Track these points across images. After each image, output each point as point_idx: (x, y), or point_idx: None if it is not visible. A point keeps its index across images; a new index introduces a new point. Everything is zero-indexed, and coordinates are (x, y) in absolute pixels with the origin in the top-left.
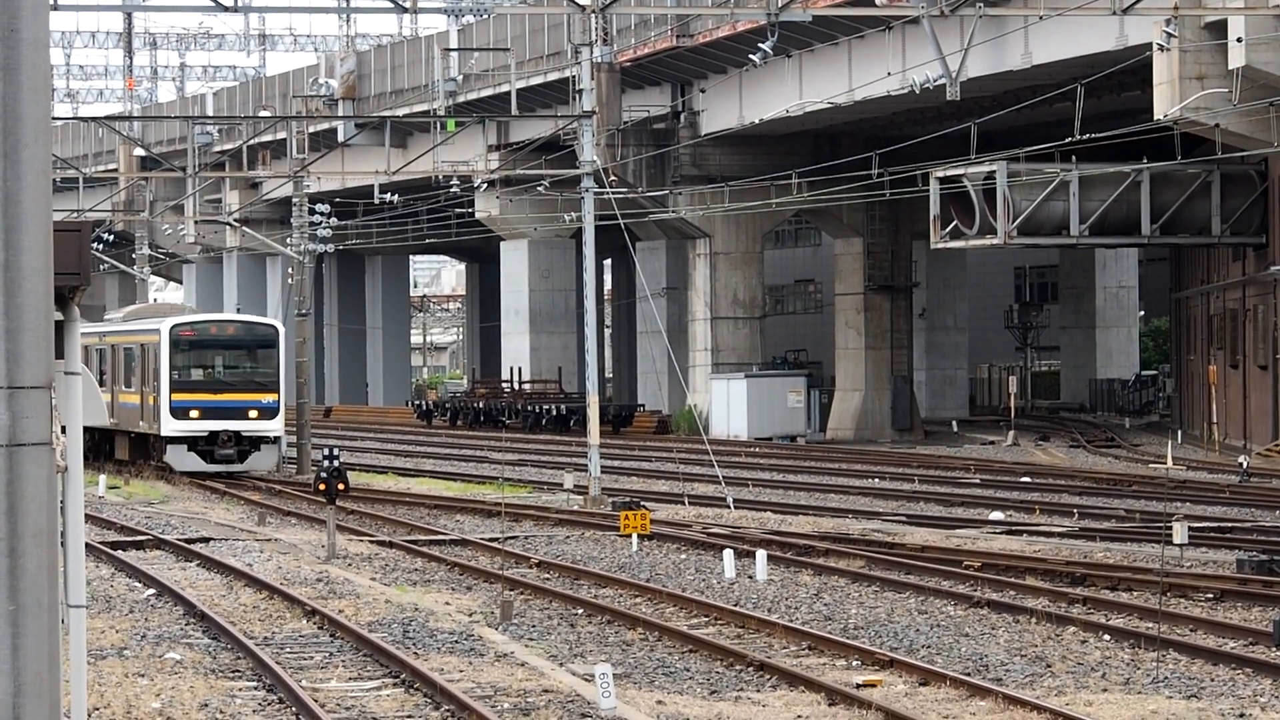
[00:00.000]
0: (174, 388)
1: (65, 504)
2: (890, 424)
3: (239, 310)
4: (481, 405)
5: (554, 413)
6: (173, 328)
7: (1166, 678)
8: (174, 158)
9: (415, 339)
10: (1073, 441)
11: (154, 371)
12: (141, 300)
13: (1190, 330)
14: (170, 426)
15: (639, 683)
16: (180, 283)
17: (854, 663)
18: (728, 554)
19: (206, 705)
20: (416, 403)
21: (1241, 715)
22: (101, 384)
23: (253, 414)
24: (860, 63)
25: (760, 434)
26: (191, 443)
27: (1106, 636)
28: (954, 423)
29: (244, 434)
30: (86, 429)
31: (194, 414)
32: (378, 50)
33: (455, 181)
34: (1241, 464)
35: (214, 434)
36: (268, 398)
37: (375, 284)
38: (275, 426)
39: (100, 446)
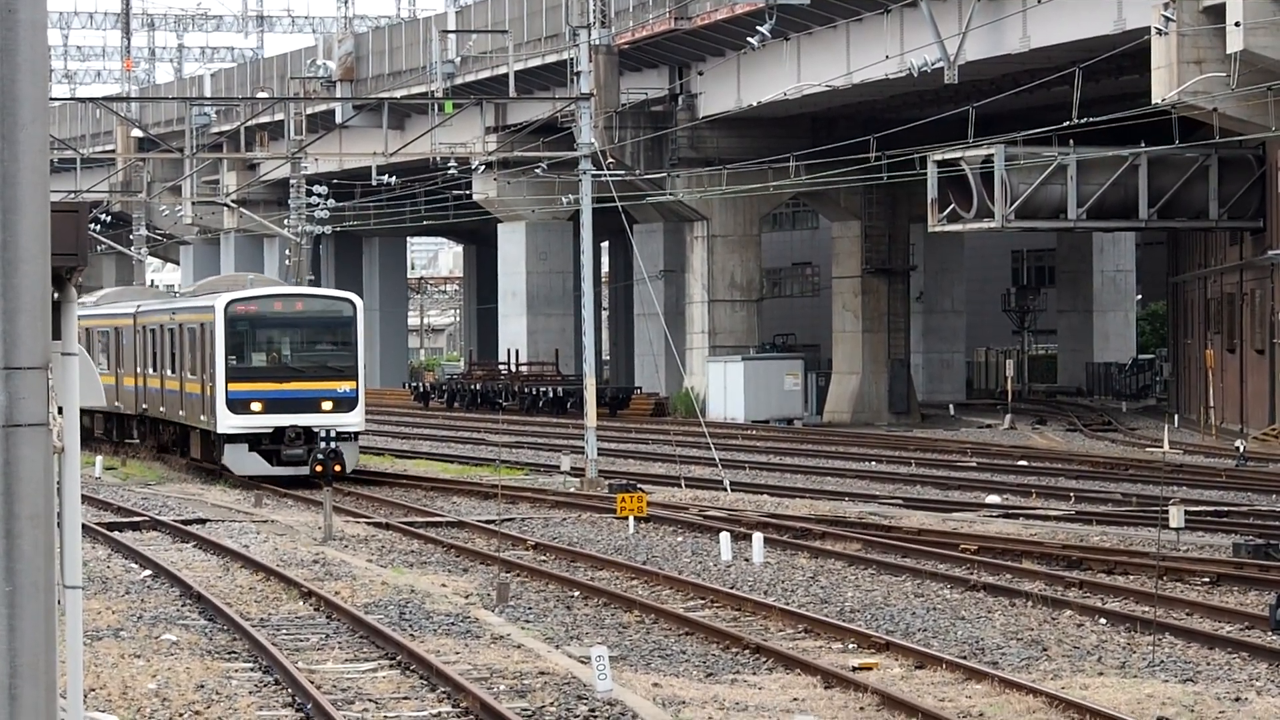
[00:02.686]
0: (231, 376)
1: (62, 485)
2: (887, 407)
3: (310, 281)
4: (478, 387)
5: (551, 395)
6: (228, 304)
7: (1162, 661)
8: (171, 139)
9: (412, 321)
10: (1069, 425)
11: (209, 357)
12: (139, 282)
13: (1187, 314)
14: (227, 422)
15: (635, 665)
16: (178, 264)
17: (850, 646)
18: (724, 536)
19: (203, 686)
20: (413, 384)
21: (1237, 699)
22: (172, 369)
23: (326, 405)
24: (858, 46)
25: (757, 417)
26: (253, 441)
27: (1102, 620)
28: (951, 406)
29: (316, 430)
30: (163, 423)
31: (255, 407)
32: (376, 32)
33: (453, 163)
34: (1238, 448)
35: (279, 430)
36: (344, 386)
37: (372, 266)
38: (354, 420)
39: (181, 442)
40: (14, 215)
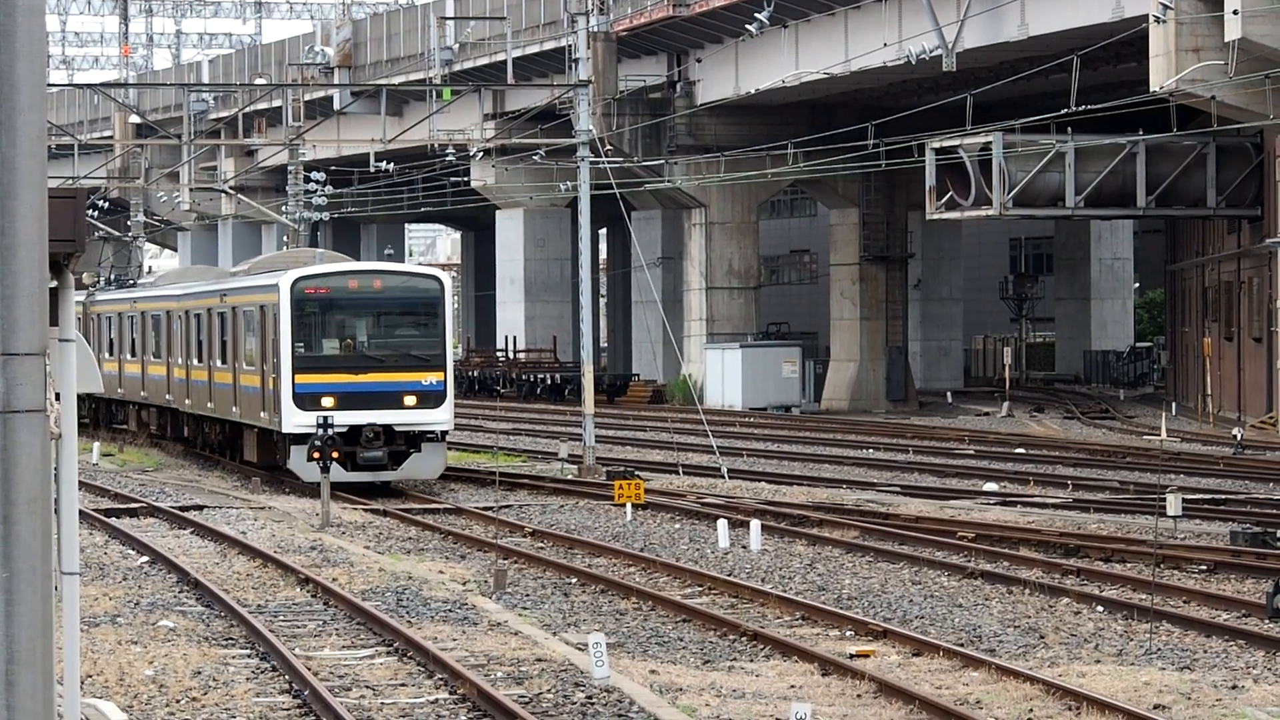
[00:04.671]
0: (298, 366)
1: (59, 471)
2: (885, 395)
3: (388, 255)
4: (476, 374)
5: (549, 382)
6: (295, 282)
7: (1160, 649)
8: (169, 125)
9: None
10: (1067, 413)
11: (272, 344)
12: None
13: (1185, 302)
14: (294, 420)
15: (632, 652)
16: (175, 250)
17: (847, 633)
18: (722, 524)
19: (200, 673)
20: None
21: (1234, 687)
22: (223, 359)
23: (409, 400)
24: (856, 33)
25: (755, 404)
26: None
27: (1100, 608)
28: (949, 394)
29: (398, 429)
30: (211, 421)
31: (327, 402)
32: (374, 18)
33: (451, 150)
34: (1235, 436)
35: (355, 429)
36: (430, 377)
37: (370, 252)
38: (441, 418)
39: (232, 442)
40: (11, 201)
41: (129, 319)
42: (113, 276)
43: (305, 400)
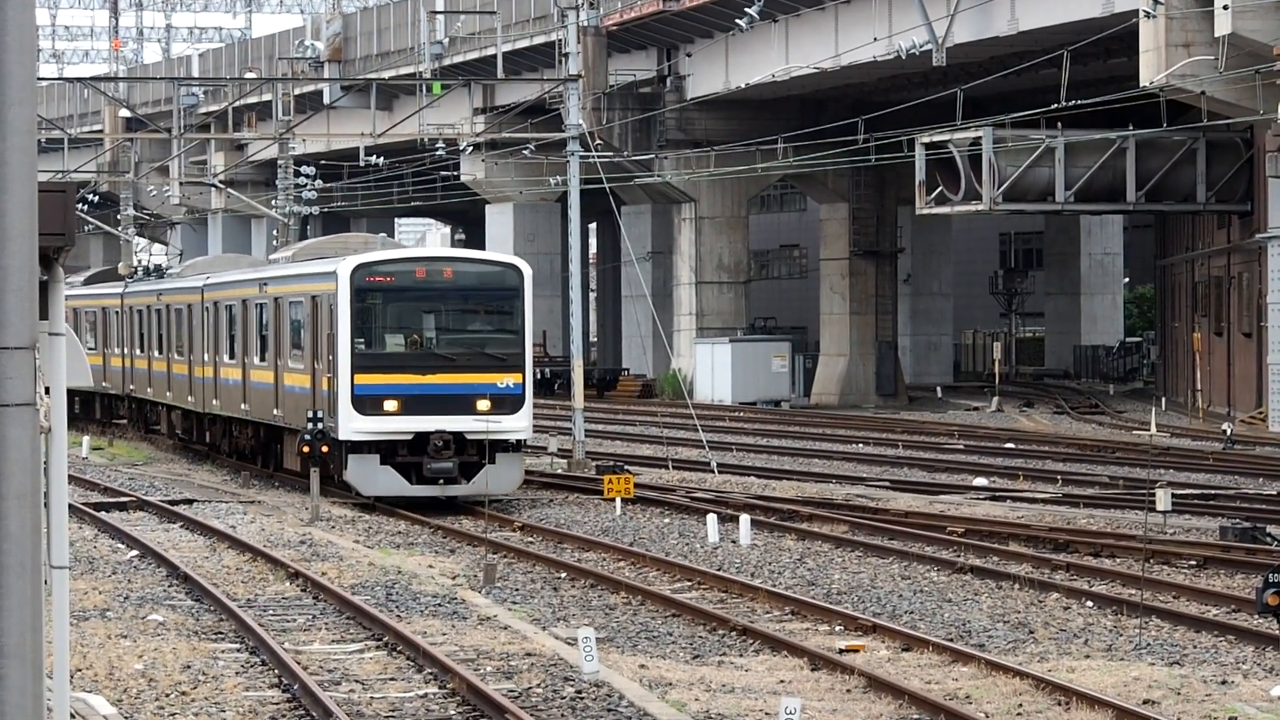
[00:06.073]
0: (358, 365)
1: (49, 465)
2: (875, 389)
3: (460, 240)
4: None
5: (538, 376)
6: (356, 270)
7: (1149, 644)
8: (159, 119)
9: None
10: (1057, 408)
11: (328, 340)
12: (125, 262)
13: (1175, 297)
14: (352, 426)
15: (622, 646)
16: (166, 244)
17: (837, 628)
18: (711, 518)
19: (189, 667)
20: None
21: (1224, 682)
22: (263, 356)
23: (482, 404)
24: (847, 28)
25: (744, 398)
26: (387, 450)
27: (1089, 603)
28: (938, 388)
29: (469, 437)
30: (243, 424)
31: (390, 406)
32: (364, 13)
33: (441, 144)
34: (1225, 431)
35: (421, 438)
36: (507, 379)
37: None
38: (519, 425)
39: (267, 448)
40: (1, 195)
41: (156, 312)
42: (150, 266)
43: (365, 403)
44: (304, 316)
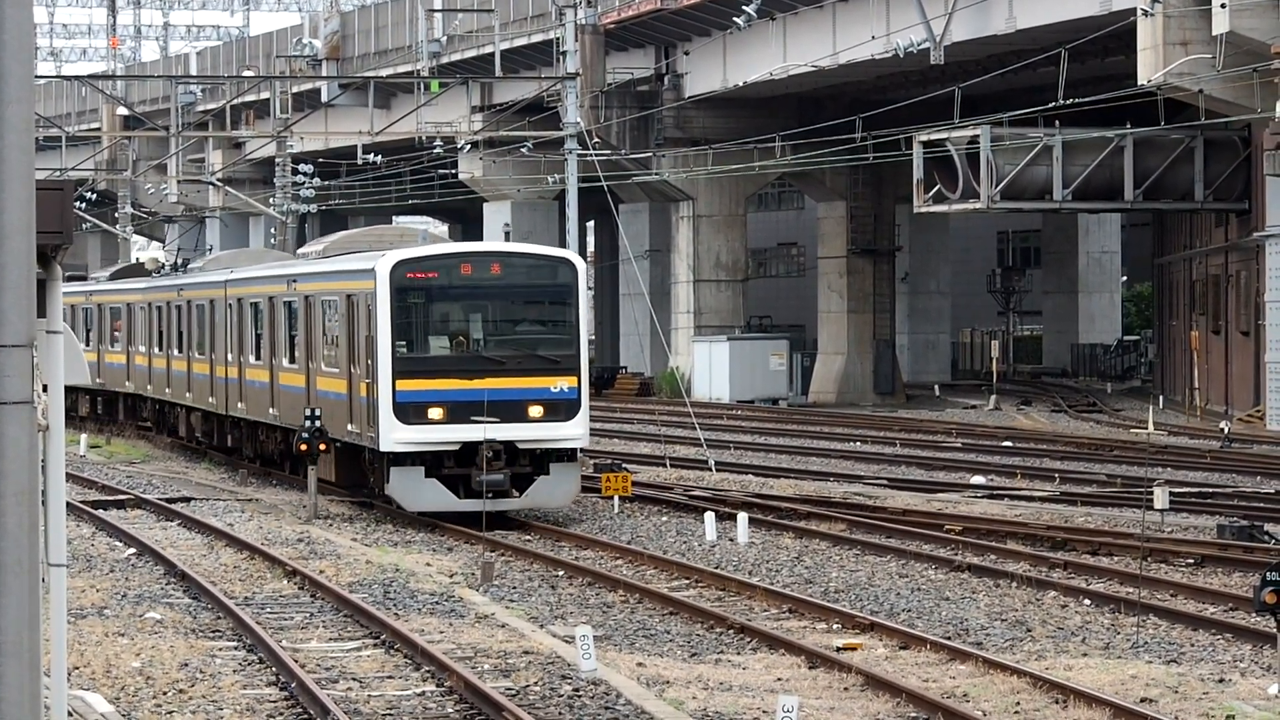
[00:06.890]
0: (400, 370)
1: (46, 462)
2: (872, 388)
3: (508, 234)
4: None
5: None
6: (396, 267)
7: (1146, 643)
8: (157, 117)
9: None
10: (1054, 406)
11: (365, 342)
12: (124, 260)
13: (1173, 296)
14: (395, 436)
15: (619, 645)
16: (163, 242)
17: (834, 626)
18: (709, 516)
19: (187, 665)
20: None
21: (1221, 680)
22: (292, 358)
23: (535, 411)
24: (844, 26)
25: (742, 397)
26: (432, 462)
27: (1087, 601)
28: (936, 387)
29: (521, 446)
30: (270, 429)
31: (435, 414)
32: (362, 11)
33: (438, 143)
34: (1223, 429)
35: (469, 447)
36: (561, 383)
37: None
38: (575, 432)
39: (287, 453)
40: None
41: (176, 308)
42: (178, 261)
43: (408, 411)
44: (338, 316)
